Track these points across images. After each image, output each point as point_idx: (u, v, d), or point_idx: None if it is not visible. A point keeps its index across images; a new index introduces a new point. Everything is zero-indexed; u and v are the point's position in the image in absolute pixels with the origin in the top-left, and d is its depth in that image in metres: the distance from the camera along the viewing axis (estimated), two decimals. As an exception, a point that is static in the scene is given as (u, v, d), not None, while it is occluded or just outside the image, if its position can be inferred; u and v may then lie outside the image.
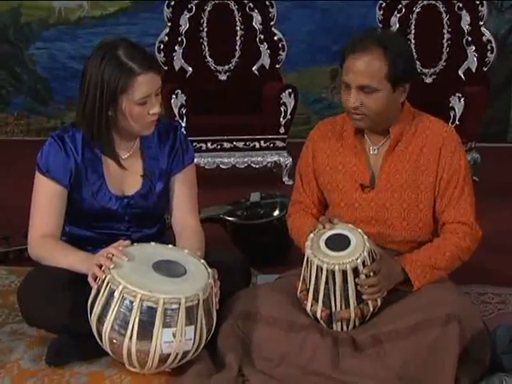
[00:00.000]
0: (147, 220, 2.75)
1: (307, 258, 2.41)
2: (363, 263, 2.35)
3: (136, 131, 2.60)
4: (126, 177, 2.67)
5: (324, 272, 2.35)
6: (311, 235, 2.45)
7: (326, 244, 2.41)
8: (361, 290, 2.36)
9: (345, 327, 2.41)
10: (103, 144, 2.60)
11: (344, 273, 2.34)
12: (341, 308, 2.37)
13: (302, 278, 2.47)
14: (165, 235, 2.82)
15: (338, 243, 2.40)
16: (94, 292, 2.34)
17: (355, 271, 2.35)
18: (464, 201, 2.56)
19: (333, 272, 2.34)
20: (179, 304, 2.24)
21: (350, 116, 2.54)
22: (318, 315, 2.40)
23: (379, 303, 2.42)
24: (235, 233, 3.65)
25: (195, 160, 2.85)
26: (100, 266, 2.34)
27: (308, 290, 2.42)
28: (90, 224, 2.69)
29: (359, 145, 2.62)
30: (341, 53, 2.53)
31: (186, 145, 2.76)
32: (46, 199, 2.60)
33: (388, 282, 2.41)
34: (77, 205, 2.65)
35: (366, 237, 2.41)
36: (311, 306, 2.42)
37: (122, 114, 2.53)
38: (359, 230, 2.43)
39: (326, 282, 2.36)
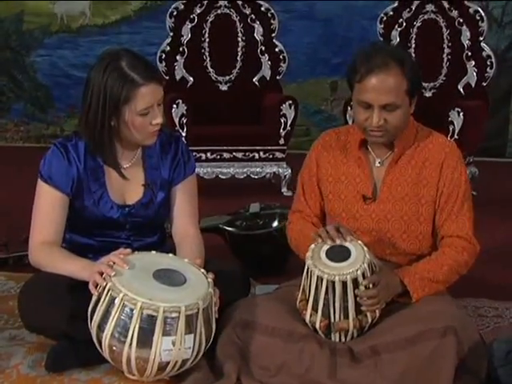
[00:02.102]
0: (148, 229, 2.77)
1: (308, 269, 2.43)
2: (363, 275, 2.37)
3: (138, 141, 2.61)
4: (127, 186, 2.69)
5: (324, 282, 2.36)
6: (312, 246, 2.46)
7: (326, 255, 2.42)
8: (360, 301, 2.37)
9: (343, 338, 2.42)
10: (105, 154, 2.61)
11: (344, 284, 2.35)
12: (340, 319, 2.38)
13: (301, 288, 2.48)
14: (165, 244, 2.83)
15: (339, 254, 2.41)
16: (94, 299, 2.35)
17: (355, 282, 2.36)
18: (463, 215, 2.58)
19: (333, 283, 2.36)
20: (179, 312, 2.25)
21: (366, 133, 2.54)
22: (317, 325, 2.41)
23: (378, 315, 2.43)
24: (234, 243, 3.65)
25: (194, 170, 2.87)
26: (101, 274, 2.35)
27: (307, 300, 2.43)
28: (91, 232, 2.70)
29: (363, 156, 2.64)
30: (350, 70, 2.50)
31: (188, 155, 2.78)
32: (48, 207, 2.61)
33: (387, 294, 2.42)
34: (78, 213, 2.66)
35: (366, 248, 2.42)
36: (310, 316, 2.43)
37: (125, 124, 2.54)
38: (359, 242, 2.45)
39: (326, 293, 2.37)
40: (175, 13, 5.54)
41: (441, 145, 2.62)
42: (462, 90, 5.32)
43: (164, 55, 5.54)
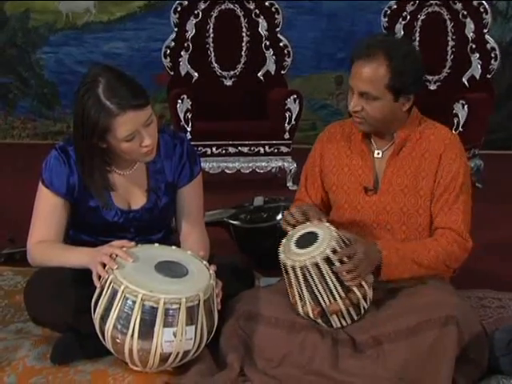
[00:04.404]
0: (152, 230, 2.75)
1: (282, 263, 2.44)
2: (333, 251, 2.36)
3: (133, 160, 2.58)
4: (131, 191, 2.66)
5: (298, 271, 2.38)
6: (283, 240, 2.49)
7: (295, 245, 2.44)
8: (341, 277, 2.36)
9: (343, 321, 2.43)
10: (86, 176, 2.56)
11: (317, 265, 2.36)
12: (329, 302, 2.39)
13: (287, 285, 2.49)
14: (169, 238, 2.81)
15: (307, 241, 2.42)
16: (97, 291, 2.37)
17: (328, 261, 2.36)
18: (457, 208, 2.55)
19: (306, 268, 2.36)
20: (180, 304, 2.27)
21: (352, 118, 2.58)
22: (311, 315, 2.42)
23: (367, 289, 2.42)
24: (239, 236, 3.67)
25: (200, 165, 2.85)
26: (104, 266, 2.36)
27: (294, 294, 2.45)
28: (95, 232, 2.68)
29: (366, 148, 2.65)
30: (351, 55, 2.56)
31: (194, 157, 2.72)
32: (48, 211, 2.60)
33: (367, 264, 2.40)
34: (82, 216, 2.65)
35: (332, 227, 2.43)
36: (302, 307, 2.44)
37: (113, 147, 2.49)
38: (326, 224, 2.46)
39: (305, 280, 2.38)
40: (179, 8, 5.54)
41: (442, 136, 2.61)
42: (466, 82, 5.33)
43: (169, 51, 5.55)
